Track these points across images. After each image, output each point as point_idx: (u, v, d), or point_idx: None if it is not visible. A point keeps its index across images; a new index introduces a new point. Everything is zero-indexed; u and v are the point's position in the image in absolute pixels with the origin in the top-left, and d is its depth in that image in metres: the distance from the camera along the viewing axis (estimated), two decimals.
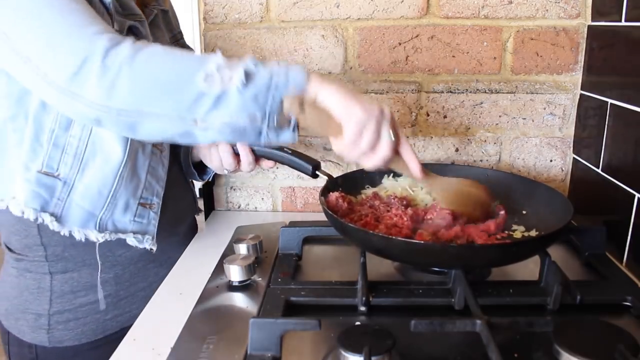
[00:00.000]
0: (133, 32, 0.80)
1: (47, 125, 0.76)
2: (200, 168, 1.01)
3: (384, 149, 0.71)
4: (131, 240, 0.85)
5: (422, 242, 0.77)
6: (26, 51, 0.65)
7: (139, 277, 0.90)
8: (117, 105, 0.65)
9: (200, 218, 1.18)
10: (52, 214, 0.79)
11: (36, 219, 0.78)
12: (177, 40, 0.98)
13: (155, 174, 0.87)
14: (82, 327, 0.86)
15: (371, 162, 0.73)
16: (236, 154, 0.90)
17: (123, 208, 0.83)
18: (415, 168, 0.77)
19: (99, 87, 0.63)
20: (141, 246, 0.85)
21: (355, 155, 0.72)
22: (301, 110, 0.67)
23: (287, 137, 0.68)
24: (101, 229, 0.82)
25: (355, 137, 0.69)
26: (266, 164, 0.94)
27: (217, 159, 0.92)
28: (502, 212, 0.87)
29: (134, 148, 0.81)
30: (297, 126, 0.68)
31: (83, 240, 0.81)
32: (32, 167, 0.77)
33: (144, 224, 0.86)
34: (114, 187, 0.80)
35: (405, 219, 0.83)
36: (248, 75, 0.65)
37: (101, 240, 0.82)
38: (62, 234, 0.80)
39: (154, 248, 0.87)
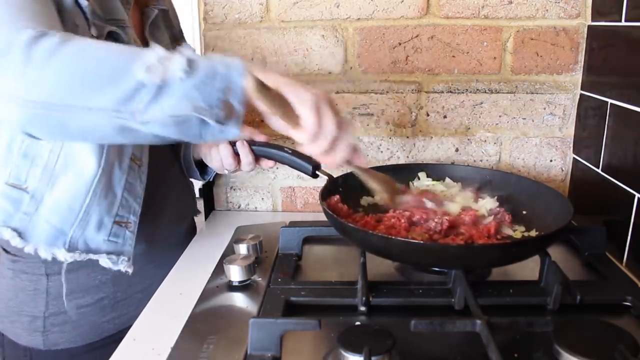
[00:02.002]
0: (113, 38, 0.76)
1: (17, 135, 0.72)
2: (202, 167, 1.01)
3: (348, 130, 0.69)
4: (104, 261, 0.80)
5: (422, 242, 0.77)
6: None
7: (137, 278, 0.88)
8: (42, 98, 0.59)
9: (200, 218, 1.18)
10: (14, 229, 0.75)
11: None
12: (177, 39, 0.98)
13: (133, 191, 0.83)
14: (78, 330, 0.85)
15: (339, 153, 0.69)
16: (236, 154, 0.90)
17: (96, 226, 0.79)
18: (362, 160, 0.76)
19: (21, 79, 0.58)
20: (115, 268, 0.81)
21: (323, 144, 0.68)
22: (265, 89, 0.64)
23: (232, 131, 0.63)
24: (71, 248, 0.78)
25: (314, 119, 0.66)
26: (266, 163, 0.94)
27: (217, 159, 0.92)
28: (506, 215, 0.88)
29: (110, 161, 0.78)
30: (240, 120, 0.64)
31: (49, 259, 0.77)
32: (0, 178, 0.74)
33: (119, 244, 0.82)
34: (86, 203, 0.77)
35: (402, 220, 0.83)
36: (190, 63, 0.60)
37: (69, 260, 0.78)
38: (25, 250, 0.76)
39: (130, 270, 0.83)
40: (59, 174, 0.75)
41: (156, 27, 0.90)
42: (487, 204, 0.92)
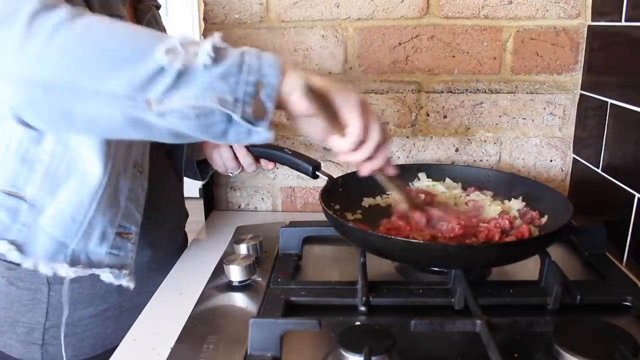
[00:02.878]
0: None
1: (16, 137, 0.66)
2: (200, 167, 1.00)
3: (387, 141, 0.64)
4: (106, 275, 0.74)
5: (422, 241, 0.77)
6: None
7: (142, 287, 0.82)
8: (42, 77, 0.51)
9: (200, 218, 1.19)
10: (11, 242, 0.68)
11: None
12: None
13: (136, 200, 0.77)
14: (80, 343, 0.80)
15: (377, 161, 0.65)
16: (237, 157, 0.90)
17: (99, 238, 0.73)
18: (391, 167, 0.71)
19: (20, 53, 0.51)
20: (117, 282, 0.76)
21: (366, 152, 0.62)
22: (308, 93, 0.57)
23: (262, 133, 0.55)
24: (73, 263, 0.72)
25: (361, 126, 0.60)
26: (267, 165, 0.94)
27: (220, 162, 0.92)
28: (533, 212, 0.87)
29: (116, 167, 0.72)
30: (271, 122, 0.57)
31: (50, 274, 0.72)
32: None
33: (121, 256, 0.76)
34: (90, 213, 0.70)
35: (401, 222, 0.83)
36: (217, 50, 0.54)
37: (72, 275, 0.72)
38: (24, 267, 0.70)
39: (132, 285, 0.77)
40: (60, 181, 0.69)
41: (152, 24, 0.89)
42: (515, 204, 0.91)
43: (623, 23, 0.91)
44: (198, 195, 1.28)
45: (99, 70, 0.52)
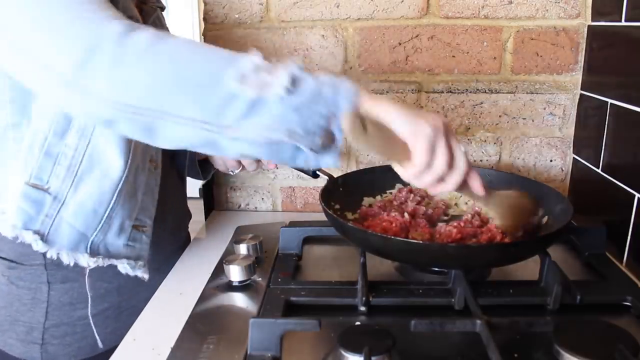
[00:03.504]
0: None
1: (41, 132, 0.68)
2: (202, 166, 1.00)
3: (461, 166, 0.62)
4: (124, 266, 0.77)
5: (421, 242, 0.77)
6: (25, 41, 0.57)
7: (141, 287, 0.83)
8: (132, 101, 0.55)
9: (200, 218, 1.18)
10: (36, 232, 0.71)
11: (15, 238, 0.70)
12: None
13: (151, 194, 0.80)
14: (79, 342, 0.80)
15: (448, 185, 0.63)
16: None
17: (117, 230, 0.75)
18: (479, 186, 0.67)
19: (111, 79, 0.54)
20: (133, 274, 0.78)
21: (429, 180, 0.62)
22: (363, 130, 0.57)
23: (329, 161, 0.57)
24: (93, 253, 0.74)
25: (428, 158, 0.59)
26: (267, 163, 0.94)
27: (221, 161, 0.92)
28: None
29: (135, 162, 0.74)
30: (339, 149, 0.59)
31: (72, 264, 0.74)
32: (20, 179, 0.69)
33: (137, 248, 0.79)
34: (110, 206, 0.73)
35: (394, 224, 0.83)
36: (294, 81, 0.55)
37: (92, 265, 0.74)
38: (48, 256, 0.72)
39: (146, 277, 0.80)
40: (83, 175, 0.71)
41: (156, 25, 0.89)
42: None
43: (623, 23, 0.91)
44: (198, 195, 1.28)
45: (179, 97, 0.55)
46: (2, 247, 0.78)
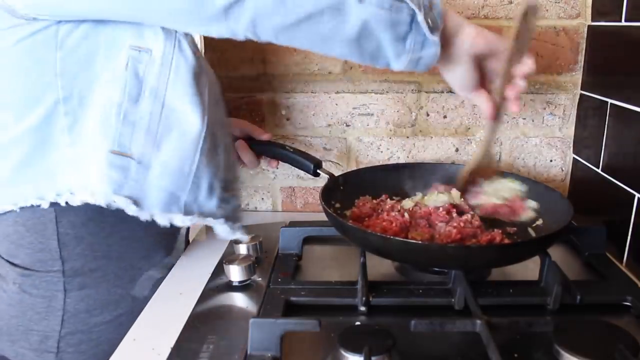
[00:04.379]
0: None
1: (115, 100, 0.68)
2: None
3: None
4: (222, 228, 0.78)
5: (420, 242, 0.77)
6: None
7: (154, 292, 0.83)
8: None
9: None
10: (128, 197, 0.71)
11: (108, 205, 0.70)
12: None
13: (232, 156, 0.81)
14: (94, 350, 0.79)
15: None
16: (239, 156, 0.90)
17: (207, 191, 0.75)
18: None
19: None
20: (231, 237, 0.80)
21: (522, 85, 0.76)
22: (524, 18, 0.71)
23: (432, 48, 0.65)
24: (187, 212, 0.74)
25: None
26: (269, 162, 0.94)
27: None
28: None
29: (211, 121, 0.74)
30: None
31: (168, 225, 0.74)
32: (101, 148, 0.69)
33: (230, 210, 0.79)
34: (195, 164, 0.73)
35: (394, 224, 0.83)
36: None
37: (188, 224, 0.75)
38: (142, 219, 0.73)
39: (246, 238, 0.83)
40: (162, 136, 0.71)
41: None
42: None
43: (623, 23, 0.91)
44: None
45: None
46: (18, 253, 0.77)
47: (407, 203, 0.92)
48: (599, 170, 0.99)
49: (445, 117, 1.12)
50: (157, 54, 0.69)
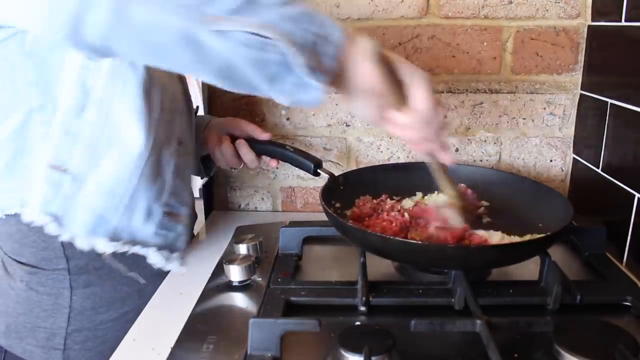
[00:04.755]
0: None
1: (61, 110, 0.66)
2: (204, 164, 1.01)
3: (446, 126, 0.66)
4: (154, 257, 0.74)
5: (420, 242, 0.77)
6: None
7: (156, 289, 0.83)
8: None
9: (200, 218, 1.18)
10: (51, 215, 0.68)
11: (31, 222, 0.68)
12: None
13: (183, 178, 0.76)
14: (100, 347, 0.79)
15: (434, 144, 0.64)
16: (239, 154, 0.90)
17: (144, 215, 0.71)
18: (448, 156, 0.70)
19: None
20: (166, 267, 0.75)
21: (422, 132, 0.61)
22: (379, 60, 0.56)
23: (314, 91, 0.54)
24: (113, 238, 0.71)
25: (430, 104, 0.59)
26: (269, 162, 0.94)
27: (222, 158, 0.92)
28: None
29: (158, 139, 0.71)
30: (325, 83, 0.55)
31: (86, 249, 0.71)
32: (42, 160, 0.67)
33: (171, 238, 0.76)
34: (132, 185, 0.70)
35: (394, 224, 0.83)
36: None
37: (110, 250, 0.71)
38: (60, 239, 0.70)
39: (183, 270, 0.77)
40: (103, 152, 0.68)
41: None
42: (439, 198, 0.92)
43: (623, 23, 0.91)
44: (198, 195, 1.27)
45: None
46: (23, 252, 0.77)
47: (407, 203, 0.92)
48: (599, 170, 0.99)
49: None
50: (105, 64, 0.67)
